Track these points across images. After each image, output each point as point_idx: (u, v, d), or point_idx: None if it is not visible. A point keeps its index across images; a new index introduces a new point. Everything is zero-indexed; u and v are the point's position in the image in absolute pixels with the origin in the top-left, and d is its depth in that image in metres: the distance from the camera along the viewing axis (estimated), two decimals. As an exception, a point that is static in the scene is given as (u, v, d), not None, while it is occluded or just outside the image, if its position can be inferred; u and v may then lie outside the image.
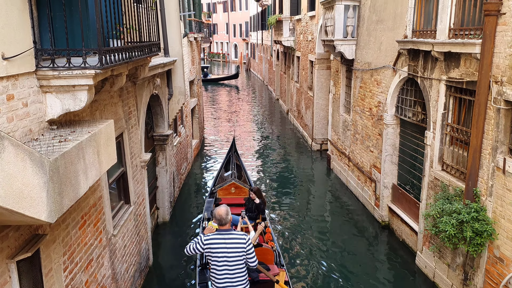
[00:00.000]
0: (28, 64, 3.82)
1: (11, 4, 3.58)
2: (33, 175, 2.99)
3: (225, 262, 5.14)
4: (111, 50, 4.39)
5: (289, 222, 10.64)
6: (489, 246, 6.24)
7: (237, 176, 10.83)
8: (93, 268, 5.36)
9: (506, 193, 5.83)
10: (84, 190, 3.78)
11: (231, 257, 5.13)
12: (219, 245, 5.14)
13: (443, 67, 7.24)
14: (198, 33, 15.98)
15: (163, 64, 8.48)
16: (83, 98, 4.20)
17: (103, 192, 5.75)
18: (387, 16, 9.60)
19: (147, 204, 8.32)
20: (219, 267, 5.17)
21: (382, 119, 9.97)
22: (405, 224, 9.12)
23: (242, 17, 60.12)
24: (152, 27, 6.67)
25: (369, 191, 11.00)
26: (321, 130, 16.60)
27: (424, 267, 8.15)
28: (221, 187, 9.93)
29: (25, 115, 3.77)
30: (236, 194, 9.78)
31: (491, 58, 5.90)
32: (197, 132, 16.89)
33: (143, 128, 8.08)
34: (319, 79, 16.30)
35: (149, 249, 8.46)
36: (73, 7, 4.33)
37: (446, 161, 7.52)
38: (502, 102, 5.78)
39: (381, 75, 10.03)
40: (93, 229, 5.39)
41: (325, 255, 8.97)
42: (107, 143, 4.42)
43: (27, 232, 3.82)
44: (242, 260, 5.20)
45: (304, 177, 14.22)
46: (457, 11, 6.89)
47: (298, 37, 20.30)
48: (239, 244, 5.14)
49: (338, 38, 11.66)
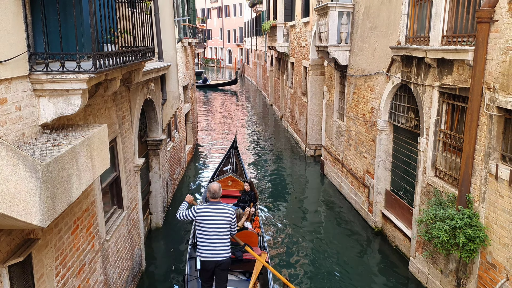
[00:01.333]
0: (21, 68, 3.80)
1: (5, 7, 3.56)
2: (26, 179, 2.97)
3: (214, 229, 5.92)
4: (105, 55, 4.38)
5: (282, 226, 10.63)
6: (482, 252, 6.26)
7: (235, 171, 11.58)
8: (85, 273, 5.32)
9: (498, 199, 5.86)
10: (77, 194, 3.76)
11: (219, 225, 5.93)
12: (210, 215, 5.95)
13: (436, 74, 7.28)
14: (192, 38, 15.99)
15: (157, 69, 8.47)
16: (77, 102, 4.18)
17: (96, 196, 5.71)
18: (380, 23, 9.67)
19: (140, 209, 8.28)
20: (208, 234, 5.93)
21: (375, 125, 10.01)
22: (398, 230, 9.14)
23: (237, 22, 60.29)
24: (147, 32, 6.66)
25: (363, 197, 11.02)
26: (315, 135, 16.63)
27: (417, 273, 8.16)
28: (219, 179, 10.70)
29: (18, 119, 3.75)
30: (233, 187, 10.57)
31: (484, 65, 5.95)
32: (191, 137, 16.86)
33: (136, 132, 8.05)
34: (313, 85, 16.35)
35: (142, 254, 8.41)
36: (67, 11, 4.32)
37: (439, 167, 7.55)
38: (494, 109, 5.82)
39: (374, 81, 10.08)
40: (85, 234, 5.35)
41: (317, 261, 8.95)
42: (100, 147, 4.40)
43: (19, 236, 3.79)
44: (227, 230, 5.99)
45: (298, 182, 14.22)
46: (450, 18, 6.95)
47: (292, 43, 20.37)
48: (227, 214, 5.99)
49: (332, 44, 11.71)
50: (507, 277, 5.77)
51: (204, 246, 5.95)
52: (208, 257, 5.96)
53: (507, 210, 5.70)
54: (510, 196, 5.65)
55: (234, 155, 12.46)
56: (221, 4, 65.15)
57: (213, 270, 6.04)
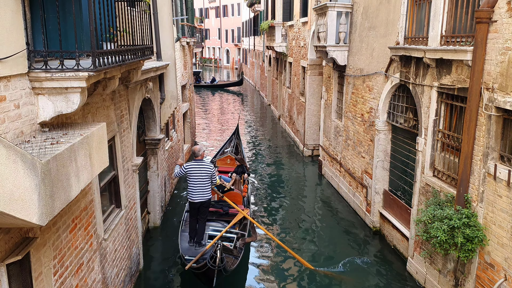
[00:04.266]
0: (20, 65, 3.79)
1: (4, 5, 3.55)
2: (25, 177, 2.95)
3: (198, 179, 8.15)
4: (104, 53, 4.37)
5: (279, 226, 10.63)
6: (480, 252, 6.27)
7: (235, 153, 13.57)
8: (83, 272, 5.31)
9: (496, 199, 5.87)
10: (76, 193, 3.75)
11: (202, 176, 8.15)
12: (195, 169, 8.18)
13: (434, 74, 7.29)
14: (190, 38, 15.98)
15: (155, 68, 8.46)
16: (76, 101, 4.17)
17: (94, 195, 5.70)
18: (379, 23, 9.67)
19: (138, 208, 8.27)
20: (195, 183, 8.15)
21: (373, 125, 10.01)
22: (396, 230, 9.14)
23: (235, 22, 60.28)
24: (145, 30, 6.65)
25: (361, 197, 11.03)
26: (313, 135, 16.64)
27: (415, 273, 8.17)
28: (220, 158, 12.96)
29: (17, 117, 3.74)
30: (231, 165, 12.58)
31: (483, 65, 5.96)
32: (189, 137, 16.85)
33: (135, 132, 8.04)
34: (311, 85, 16.35)
35: (140, 254, 8.40)
36: (66, 9, 4.31)
37: (437, 167, 7.56)
38: (493, 109, 5.83)
39: (373, 81, 10.09)
40: (83, 232, 5.34)
41: (315, 261, 8.95)
42: (99, 146, 4.39)
43: (17, 235, 3.77)
44: (208, 179, 8.19)
45: (295, 182, 14.22)
46: (448, 19, 6.96)
47: (290, 43, 20.37)
48: (207, 169, 8.21)
49: (331, 44, 11.71)
50: (505, 277, 5.78)
51: (193, 191, 8.17)
52: (195, 199, 8.16)
53: (505, 210, 5.71)
54: (508, 196, 5.66)
55: (235, 140, 14.75)
56: (219, 4, 65.12)
57: (199, 208, 8.20)
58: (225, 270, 7.22)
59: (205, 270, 6.99)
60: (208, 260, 6.88)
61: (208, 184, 8.19)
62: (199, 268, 7.07)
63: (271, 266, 8.87)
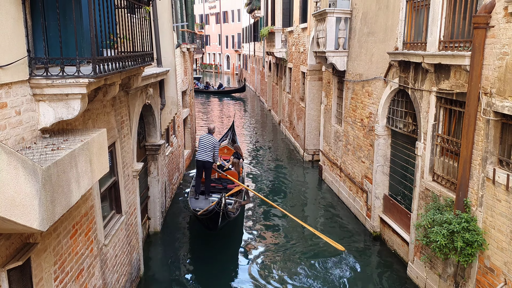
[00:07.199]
0: (21, 72, 3.83)
1: (5, 12, 3.59)
2: (26, 183, 2.98)
3: (204, 145, 10.84)
4: (104, 59, 4.41)
5: (279, 232, 10.63)
6: (480, 256, 6.28)
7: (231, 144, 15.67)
8: (83, 278, 5.32)
9: (496, 203, 5.89)
10: (76, 198, 3.77)
11: (206, 144, 10.84)
12: (204, 139, 10.96)
13: (433, 79, 7.33)
14: (190, 44, 16.04)
15: (156, 74, 8.50)
16: (76, 107, 4.20)
17: (94, 201, 5.72)
18: (378, 28, 9.72)
19: (138, 214, 8.29)
20: (201, 147, 10.84)
21: (373, 130, 10.04)
22: (397, 235, 9.15)
23: (235, 28, 60.44)
24: (146, 37, 6.70)
25: (361, 202, 11.03)
26: (313, 140, 16.66)
27: (416, 278, 8.17)
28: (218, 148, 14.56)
29: (18, 123, 3.77)
30: (228, 154, 14.46)
31: (481, 70, 6.00)
32: (189, 142, 16.87)
33: (135, 137, 8.07)
34: (310, 90, 16.40)
35: (140, 259, 8.40)
36: (67, 16, 4.35)
37: (437, 171, 7.58)
38: (491, 113, 5.86)
39: (372, 87, 10.13)
40: (84, 238, 5.36)
41: (315, 266, 8.95)
42: (99, 152, 4.42)
43: (18, 240, 3.80)
44: (211, 148, 10.80)
45: (296, 187, 14.23)
46: (447, 24, 7.00)
47: (290, 49, 20.44)
48: (210, 140, 10.87)
49: (330, 49, 11.76)
50: (505, 281, 5.79)
51: (199, 153, 10.88)
52: (199, 158, 10.82)
53: (505, 214, 5.73)
54: (507, 200, 5.67)
55: (231, 134, 17.04)
56: (219, 10, 65.34)
57: (204, 166, 10.82)
58: (228, 215, 9.09)
59: (212, 214, 8.81)
60: (215, 206, 8.77)
61: (210, 150, 10.79)
62: (208, 213, 8.90)
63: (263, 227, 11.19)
